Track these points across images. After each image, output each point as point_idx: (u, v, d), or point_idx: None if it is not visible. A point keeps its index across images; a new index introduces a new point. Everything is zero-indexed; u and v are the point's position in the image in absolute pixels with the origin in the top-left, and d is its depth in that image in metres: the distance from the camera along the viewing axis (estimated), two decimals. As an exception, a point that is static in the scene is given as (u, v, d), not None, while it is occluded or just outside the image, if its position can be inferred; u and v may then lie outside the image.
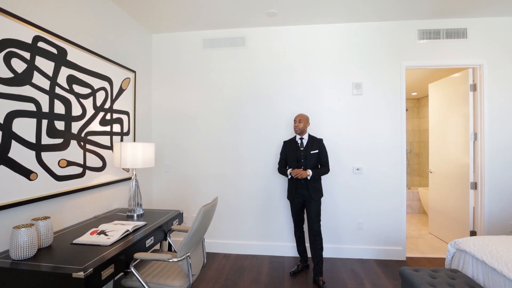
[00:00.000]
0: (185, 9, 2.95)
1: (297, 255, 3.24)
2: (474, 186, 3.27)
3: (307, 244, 3.09)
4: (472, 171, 3.28)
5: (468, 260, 2.12)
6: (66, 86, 2.13)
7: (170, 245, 2.40)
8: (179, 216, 2.57)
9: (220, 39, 3.44)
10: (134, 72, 3.06)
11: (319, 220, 2.73)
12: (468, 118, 3.30)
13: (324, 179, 3.20)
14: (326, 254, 3.19)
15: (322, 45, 3.33)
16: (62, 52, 2.09)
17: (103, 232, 1.87)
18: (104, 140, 2.58)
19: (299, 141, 2.85)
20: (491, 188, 3.15)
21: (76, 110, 2.24)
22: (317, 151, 2.78)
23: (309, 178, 2.69)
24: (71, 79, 2.17)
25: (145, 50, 3.41)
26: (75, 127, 2.23)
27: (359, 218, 3.28)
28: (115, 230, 1.91)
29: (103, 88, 2.55)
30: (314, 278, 2.69)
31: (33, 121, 1.87)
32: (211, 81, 3.48)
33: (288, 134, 3.31)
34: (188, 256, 1.75)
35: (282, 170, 2.91)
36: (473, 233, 3.29)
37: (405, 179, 3.23)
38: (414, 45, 3.21)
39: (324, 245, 2.91)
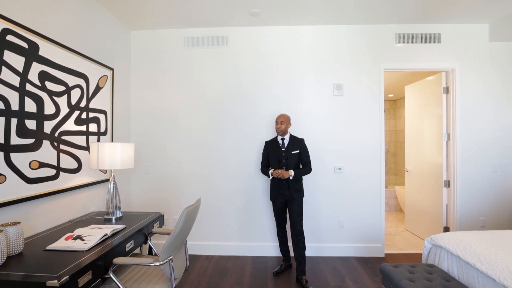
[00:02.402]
0: (166, 6, 2.88)
1: (280, 255, 3.25)
2: (447, 184, 3.44)
3: (290, 244, 3.12)
4: (445, 170, 3.45)
5: (443, 255, 2.21)
6: (38, 83, 2.01)
7: (150, 249, 2.33)
8: (160, 218, 2.49)
9: (202, 37, 3.39)
10: (112, 69, 2.95)
11: (301, 220, 2.76)
12: (441, 119, 3.47)
13: (307, 178, 3.23)
14: (308, 253, 3.21)
15: (304, 46, 3.36)
16: (34, 46, 1.97)
17: (79, 237, 1.78)
18: (80, 140, 2.46)
19: (280, 142, 2.85)
20: (462, 185, 3.32)
21: (49, 109, 2.12)
22: (298, 151, 2.79)
23: (291, 178, 2.70)
24: (43, 76, 2.05)
25: (124, 47, 3.29)
26: (48, 126, 2.11)
27: (340, 217, 3.35)
28: (92, 235, 1.82)
29: (79, 86, 2.43)
30: (297, 277, 2.71)
31: (1, 119, 1.74)
32: (193, 80, 3.42)
33: (270, 134, 3.32)
34: (170, 259, 1.70)
35: (264, 170, 2.91)
36: (446, 229, 3.45)
37: (383, 178, 3.34)
38: (392, 48, 3.33)
39: (306, 244, 2.93)
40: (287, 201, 2.79)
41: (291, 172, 2.69)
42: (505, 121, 3.31)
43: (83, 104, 2.49)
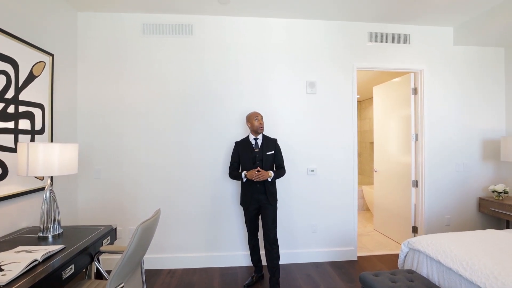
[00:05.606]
0: (120, -16, 2.48)
1: (250, 264, 3.01)
2: (415, 184, 3.47)
3: (262, 252, 2.89)
4: (413, 170, 3.47)
5: (422, 260, 2.14)
6: None
7: (99, 270, 1.94)
8: (111, 233, 2.11)
9: (164, 25, 3.01)
10: (52, 55, 2.46)
11: (276, 227, 2.54)
12: (410, 120, 3.49)
13: (279, 181, 3.03)
14: (281, 260, 3.02)
15: (277, 40, 3.16)
16: None
17: (-5, 267, 1.36)
18: (5, 140, 1.97)
19: (253, 142, 2.62)
20: (429, 185, 3.36)
21: (-42, 99, 1.64)
22: (272, 152, 2.59)
23: (269, 180, 2.48)
24: None
25: (68, 31, 2.79)
26: (-44, 121, 1.63)
27: (313, 221, 3.20)
28: (16, 262, 1.41)
29: (3, 72, 1.95)
30: (270, 290, 2.48)
31: None
32: (153, 73, 3.03)
33: (239, 133, 3.06)
34: (121, 287, 1.37)
35: (234, 174, 2.64)
36: (414, 229, 3.48)
37: (356, 179, 3.25)
38: (364, 47, 3.26)
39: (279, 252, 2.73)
40: (260, 207, 2.55)
41: (271, 173, 2.47)
42: (468, 122, 3.42)
43: (9, 95, 2.00)
